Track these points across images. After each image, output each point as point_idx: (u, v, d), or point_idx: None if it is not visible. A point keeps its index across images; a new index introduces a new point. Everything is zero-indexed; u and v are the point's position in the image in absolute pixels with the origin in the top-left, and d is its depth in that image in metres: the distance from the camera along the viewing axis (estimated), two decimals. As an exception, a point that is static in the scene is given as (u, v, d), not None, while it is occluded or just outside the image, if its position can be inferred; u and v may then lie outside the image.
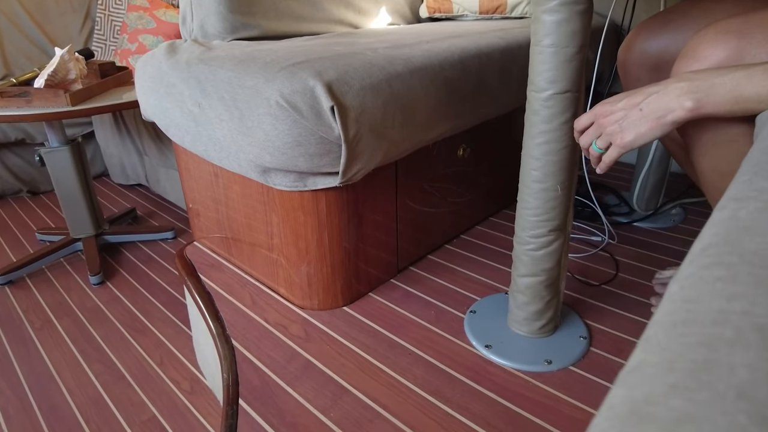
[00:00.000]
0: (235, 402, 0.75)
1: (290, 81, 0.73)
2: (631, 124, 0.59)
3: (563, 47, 0.66)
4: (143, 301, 1.37)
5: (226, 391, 0.77)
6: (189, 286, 1.05)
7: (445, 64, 0.89)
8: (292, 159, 0.77)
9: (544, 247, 0.79)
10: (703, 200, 1.33)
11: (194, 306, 1.05)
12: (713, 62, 0.60)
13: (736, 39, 0.59)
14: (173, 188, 1.78)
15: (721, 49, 0.59)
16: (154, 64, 0.97)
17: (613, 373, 0.78)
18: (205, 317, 0.97)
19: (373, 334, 0.89)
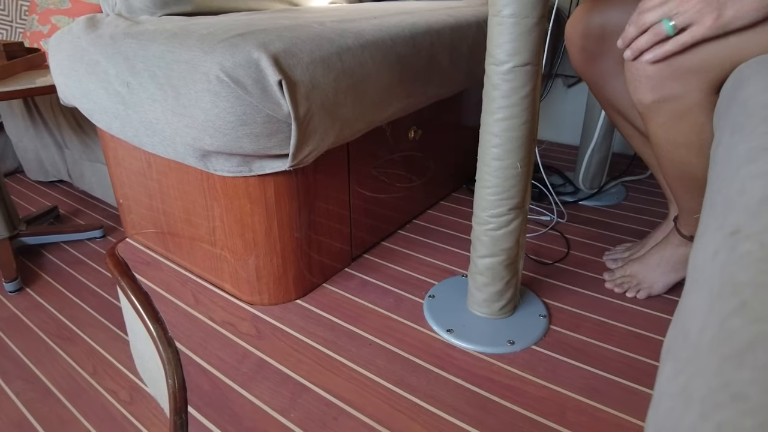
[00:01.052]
0: (184, 410, 0.68)
1: (232, 53, 0.66)
2: (721, 6, 0.52)
3: (523, 17, 0.64)
4: (70, 306, 1.25)
5: (172, 399, 0.69)
6: (123, 286, 0.95)
7: (396, 40, 0.85)
8: (235, 140, 0.71)
9: (503, 226, 0.77)
10: (642, 178, 1.38)
11: (130, 308, 0.96)
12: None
13: None
14: (100, 183, 1.64)
15: None
16: (71, 40, 0.86)
17: (574, 349, 0.78)
18: (143, 319, 0.88)
19: (331, 326, 0.84)
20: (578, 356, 0.77)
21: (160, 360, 0.81)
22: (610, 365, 0.75)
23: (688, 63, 0.61)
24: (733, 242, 0.21)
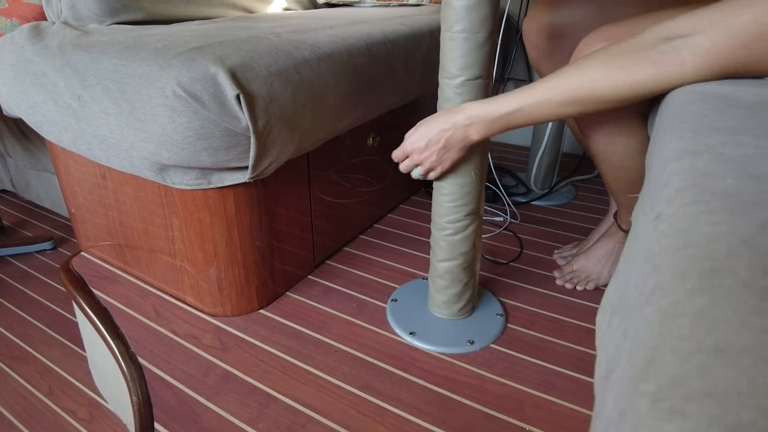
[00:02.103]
0: (150, 427, 0.67)
1: (188, 68, 0.66)
2: (444, 157, 0.72)
3: (474, 33, 0.66)
4: (20, 323, 1.20)
5: (137, 415, 0.69)
6: (79, 302, 0.93)
7: (353, 51, 0.86)
8: (193, 154, 0.71)
9: (460, 231, 0.80)
10: (591, 177, 1.45)
11: (88, 324, 0.94)
12: None
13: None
14: (48, 193, 1.57)
15: None
16: (14, 50, 0.83)
17: (530, 346, 0.82)
18: (103, 336, 0.86)
19: (295, 335, 0.85)
20: (534, 353, 0.81)
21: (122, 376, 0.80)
22: (564, 360, 0.79)
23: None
24: (655, 224, 0.26)
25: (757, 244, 0.20)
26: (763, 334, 0.16)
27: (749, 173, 0.25)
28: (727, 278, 0.19)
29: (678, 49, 0.49)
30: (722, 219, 0.22)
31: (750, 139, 0.29)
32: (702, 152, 0.29)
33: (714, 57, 0.47)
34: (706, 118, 0.34)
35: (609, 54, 0.56)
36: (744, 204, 0.23)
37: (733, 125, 0.32)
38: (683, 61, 0.49)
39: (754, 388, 0.14)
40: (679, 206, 0.25)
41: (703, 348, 0.16)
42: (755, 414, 0.14)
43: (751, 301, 0.18)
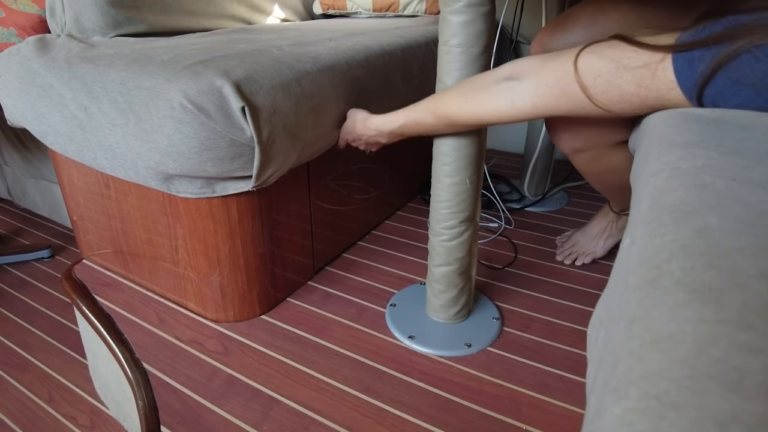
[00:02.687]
0: (157, 430, 0.69)
1: (195, 81, 0.68)
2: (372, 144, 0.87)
3: (469, 47, 0.69)
4: (20, 332, 1.21)
5: (144, 420, 0.70)
6: (82, 309, 0.94)
7: (352, 63, 0.89)
8: (199, 164, 0.73)
9: (456, 237, 0.82)
10: (583, 183, 1.49)
11: (90, 331, 0.95)
12: None
13: None
14: (45, 201, 1.58)
15: None
16: (20, 62, 0.85)
17: (526, 349, 0.84)
18: (107, 342, 0.87)
19: (297, 339, 0.87)
20: (529, 355, 0.83)
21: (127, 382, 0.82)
22: (559, 361, 0.82)
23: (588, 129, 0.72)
24: (629, 250, 0.30)
25: (692, 246, 0.23)
26: (685, 322, 0.19)
27: (695, 183, 0.28)
28: (665, 281, 0.22)
29: (511, 89, 0.59)
30: (668, 230, 0.26)
31: (702, 151, 0.32)
32: (662, 170, 0.32)
33: (535, 102, 0.56)
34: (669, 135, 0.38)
35: (465, 85, 0.66)
36: (687, 213, 0.26)
37: (690, 139, 0.35)
38: (514, 102, 0.58)
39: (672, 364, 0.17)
40: (644, 227, 0.28)
41: (645, 343, 0.19)
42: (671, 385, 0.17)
43: (680, 296, 0.20)
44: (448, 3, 0.69)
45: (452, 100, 0.67)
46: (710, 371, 0.16)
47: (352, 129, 0.85)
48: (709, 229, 0.23)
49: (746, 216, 0.23)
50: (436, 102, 0.71)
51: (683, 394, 0.15)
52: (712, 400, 0.15)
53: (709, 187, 0.27)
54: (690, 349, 0.17)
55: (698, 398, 0.15)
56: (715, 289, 0.19)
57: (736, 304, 0.18)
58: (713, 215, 0.24)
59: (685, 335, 0.18)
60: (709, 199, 0.25)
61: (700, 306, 0.19)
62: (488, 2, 0.69)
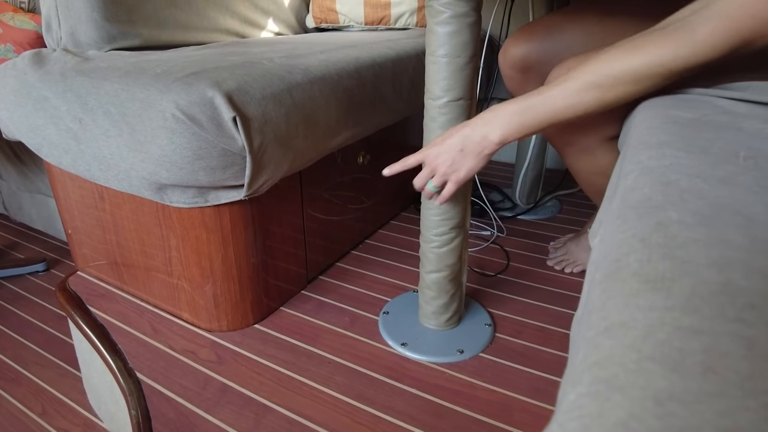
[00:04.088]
0: (149, 439, 0.69)
1: (187, 92, 0.70)
2: (460, 163, 0.69)
3: (456, 57, 0.71)
4: (14, 345, 1.21)
5: (136, 429, 0.70)
6: (76, 320, 0.94)
7: (342, 74, 0.91)
8: (191, 174, 0.74)
9: (446, 244, 0.83)
10: (575, 191, 1.50)
11: (84, 342, 0.95)
12: None
13: None
14: (40, 214, 1.59)
15: None
16: (16, 76, 0.86)
17: (518, 354, 0.85)
18: (100, 352, 0.88)
19: (290, 348, 0.87)
20: (522, 360, 0.84)
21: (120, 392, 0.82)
22: (551, 366, 0.82)
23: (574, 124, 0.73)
24: (597, 246, 0.30)
25: (650, 239, 0.24)
26: (637, 309, 0.20)
27: (661, 181, 0.30)
28: (623, 272, 0.23)
29: (690, 22, 0.50)
30: (631, 225, 0.27)
31: (672, 151, 0.33)
32: (632, 170, 0.34)
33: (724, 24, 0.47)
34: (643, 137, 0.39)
35: (625, 42, 0.56)
36: (650, 208, 0.27)
37: (662, 140, 0.36)
38: (694, 30, 0.48)
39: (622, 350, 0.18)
40: (611, 224, 0.29)
41: (600, 331, 0.20)
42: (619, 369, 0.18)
43: (634, 286, 0.21)
44: (434, 14, 0.70)
45: (613, 56, 0.56)
46: (655, 354, 0.17)
47: (444, 138, 0.70)
48: (668, 223, 0.24)
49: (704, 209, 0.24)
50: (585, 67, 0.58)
51: (629, 376, 0.16)
52: (654, 380, 0.16)
53: (674, 184, 0.28)
54: (638, 335, 0.18)
55: (642, 379, 0.16)
56: (668, 278, 0.20)
57: (684, 291, 0.19)
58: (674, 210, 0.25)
59: (635, 322, 0.19)
60: (672, 195, 0.26)
61: (651, 294, 0.20)
62: (474, 13, 0.70)
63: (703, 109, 0.45)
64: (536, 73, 1.00)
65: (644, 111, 0.50)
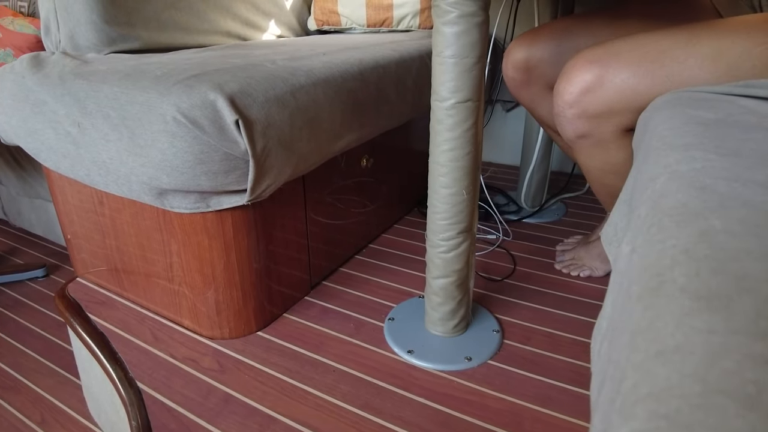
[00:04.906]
0: (150, 451, 0.67)
1: (188, 95, 0.68)
2: None
3: (463, 58, 0.69)
4: (12, 353, 1.19)
5: (136, 441, 0.68)
6: (75, 327, 0.92)
7: (346, 76, 0.89)
8: (193, 178, 0.72)
9: (453, 249, 0.82)
10: (580, 194, 1.48)
11: (84, 350, 0.93)
12: (582, 85, 0.72)
13: (598, 68, 0.72)
14: (40, 219, 1.57)
15: (587, 75, 0.73)
16: (14, 79, 0.85)
17: (527, 361, 0.83)
18: (100, 360, 0.86)
19: (293, 356, 0.85)
20: (531, 367, 0.82)
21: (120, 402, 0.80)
22: (560, 374, 0.80)
23: (596, 110, 0.72)
24: (631, 257, 0.28)
25: (695, 250, 0.22)
26: (693, 332, 0.18)
27: (695, 186, 0.28)
28: (668, 288, 0.21)
29: None
30: (669, 234, 0.25)
31: (701, 154, 0.31)
32: (660, 174, 0.32)
33: None
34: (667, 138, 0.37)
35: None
36: (688, 216, 0.25)
37: (688, 142, 0.34)
38: None
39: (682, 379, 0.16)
40: (645, 233, 0.27)
41: (650, 356, 0.18)
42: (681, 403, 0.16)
43: (686, 304, 0.19)
44: (440, 14, 0.69)
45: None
46: (724, 386, 0.15)
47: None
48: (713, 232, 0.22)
49: (751, 217, 0.22)
50: None
51: (696, 413, 0.14)
52: (728, 419, 0.14)
53: (711, 189, 0.26)
54: (700, 362, 0.16)
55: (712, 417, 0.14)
56: (723, 295, 0.18)
57: (747, 312, 0.17)
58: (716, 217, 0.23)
59: (693, 347, 0.17)
60: (710, 202, 0.25)
61: (708, 315, 0.17)
62: (482, 12, 0.69)
63: (726, 109, 0.43)
64: (539, 76, 1.01)
65: (661, 110, 0.49)
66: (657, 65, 0.66)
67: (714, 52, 0.62)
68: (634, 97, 0.68)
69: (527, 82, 1.02)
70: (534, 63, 1.00)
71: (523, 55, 1.00)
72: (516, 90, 1.05)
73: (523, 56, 1.00)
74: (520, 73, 1.02)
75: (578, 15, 0.99)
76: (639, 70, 0.67)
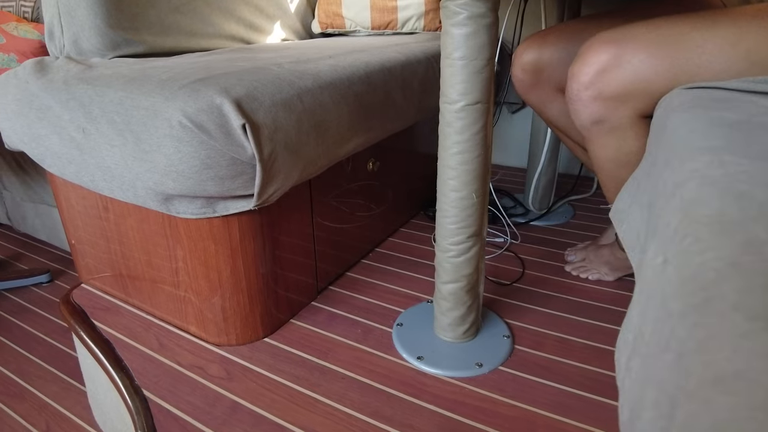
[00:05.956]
0: (157, 462, 0.66)
1: (194, 99, 0.67)
2: None
3: (472, 60, 0.68)
4: (17, 359, 1.18)
5: (143, 451, 0.67)
6: (80, 334, 0.91)
7: (353, 79, 0.88)
8: (199, 184, 0.71)
9: (463, 253, 0.80)
10: (587, 196, 1.47)
11: (89, 357, 0.92)
12: (598, 66, 0.70)
13: (615, 48, 0.69)
14: (45, 225, 1.57)
15: (604, 55, 0.70)
16: (18, 84, 0.84)
17: (539, 367, 0.82)
18: (105, 368, 0.85)
19: (301, 362, 0.84)
20: (544, 374, 0.80)
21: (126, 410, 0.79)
22: (574, 380, 0.79)
23: (612, 92, 0.70)
24: (663, 267, 0.27)
25: (743, 263, 0.21)
26: (753, 356, 0.16)
27: (731, 192, 0.26)
28: (718, 305, 0.19)
29: None
30: (708, 245, 0.23)
31: (731, 158, 0.30)
32: (688, 179, 0.30)
33: None
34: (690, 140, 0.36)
35: None
36: (727, 224, 0.24)
37: (714, 145, 0.33)
38: None
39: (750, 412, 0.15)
40: (678, 243, 0.26)
41: (706, 382, 0.17)
42: None
43: (741, 324, 0.18)
44: (449, 15, 0.68)
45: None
46: None
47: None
48: (758, 243, 0.21)
49: None
50: None
51: None
52: None
53: (748, 196, 0.25)
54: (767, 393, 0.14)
55: None
56: None
57: None
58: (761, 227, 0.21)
59: (756, 374, 0.15)
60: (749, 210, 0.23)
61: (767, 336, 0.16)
62: (491, 14, 0.68)
63: (747, 110, 0.42)
64: (548, 78, 1.00)
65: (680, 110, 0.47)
66: (675, 48, 0.64)
67: (733, 37, 0.61)
68: (652, 79, 0.67)
69: (536, 84, 1.02)
70: (544, 65, 0.99)
71: (532, 56, 0.99)
72: (525, 92, 1.04)
73: (532, 58, 0.99)
74: (529, 75, 1.01)
75: (588, 17, 0.98)
76: (657, 51, 0.66)
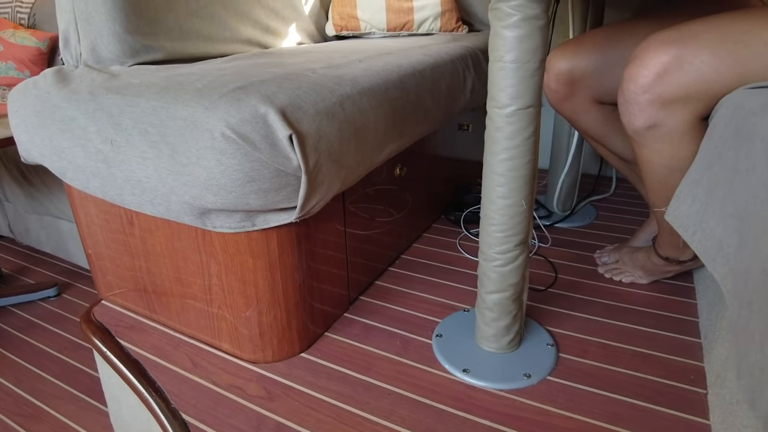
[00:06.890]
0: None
1: (236, 109, 0.64)
2: None
3: (525, 62, 0.66)
4: (29, 378, 1.13)
5: (194, 481, 0.64)
6: (106, 354, 0.87)
7: (388, 84, 0.85)
8: (242, 197, 0.68)
9: (510, 262, 0.78)
10: (607, 196, 1.45)
11: (113, 377, 0.88)
12: (658, 67, 0.67)
13: (675, 48, 0.67)
14: (50, 237, 1.51)
15: (664, 56, 0.67)
16: (39, 95, 0.80)
17: (587, 376, 0.80)
18: (136, 389, 0.81)
19: (343, 378, 0.81)
20: (593, 382, 0.78)
21: (164, 435, 0.74)
22: (625, 388, 0.77)
23: (673, 94, 0.68)
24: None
25: None
26: None
27: None
28: None
29: None
30: None
31: None
32: None
33: None
34: None
35: None
36: None
37: None
38: None
39: None
40: None
41: None
42: None
43: None
44: (501, 17, 0.65)
45: None
46: None
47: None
48: None
49: None
50: None
51: None
52: None
53: None
54: None
55: None
56: None
57: None
58: None
59: None
60: None
61: None
62: (543, 15, 0.65)
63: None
64: (583, 88, 0.97)
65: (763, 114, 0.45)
66: (739, 45, 0.62)
67: None
68: (714, 79, 0.64)
69: (571, 95, 0.99)
70: (578, 75, 0.96)
71: (566, 66, 0.96)
72: (558, 102, 1.01)
73: (566, 67, 0.96)
74: (563, 85, 0.98)
75: (621, 22, 0.95)
76: (720, 51, 0.63)
